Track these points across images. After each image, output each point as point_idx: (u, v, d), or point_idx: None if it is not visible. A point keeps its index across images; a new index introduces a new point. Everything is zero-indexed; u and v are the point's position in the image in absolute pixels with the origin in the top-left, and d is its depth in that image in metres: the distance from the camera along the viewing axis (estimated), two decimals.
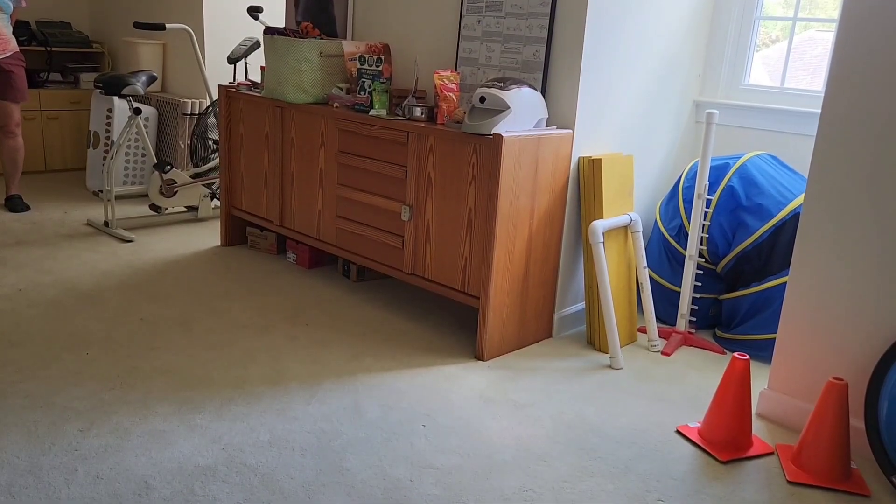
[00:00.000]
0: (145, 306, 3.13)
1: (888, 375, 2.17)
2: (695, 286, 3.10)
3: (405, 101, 3.06)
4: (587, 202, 2.94)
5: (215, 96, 4.72)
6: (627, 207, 3.04)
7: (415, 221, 3.01)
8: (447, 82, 2.92)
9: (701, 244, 3.05)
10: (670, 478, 2.13)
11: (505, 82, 2.71)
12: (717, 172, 3.07)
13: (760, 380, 2.74)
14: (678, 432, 2.38)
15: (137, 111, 4.24)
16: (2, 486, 1.90)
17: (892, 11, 2.13)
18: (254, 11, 4.22)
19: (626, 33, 2.96)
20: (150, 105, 5.17)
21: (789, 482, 2.15)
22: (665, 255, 3.21)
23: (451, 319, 3.20)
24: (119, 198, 4.97)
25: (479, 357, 2.83)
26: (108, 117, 5.00)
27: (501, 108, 2.67)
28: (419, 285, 3.05)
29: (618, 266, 3.00)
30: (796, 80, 3.32)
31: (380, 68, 3.13)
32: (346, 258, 3.41)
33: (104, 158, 4.95)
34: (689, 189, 3.12)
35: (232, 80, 4.34)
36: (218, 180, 4.45)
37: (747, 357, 2.27)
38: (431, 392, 2.54)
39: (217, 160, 4.51)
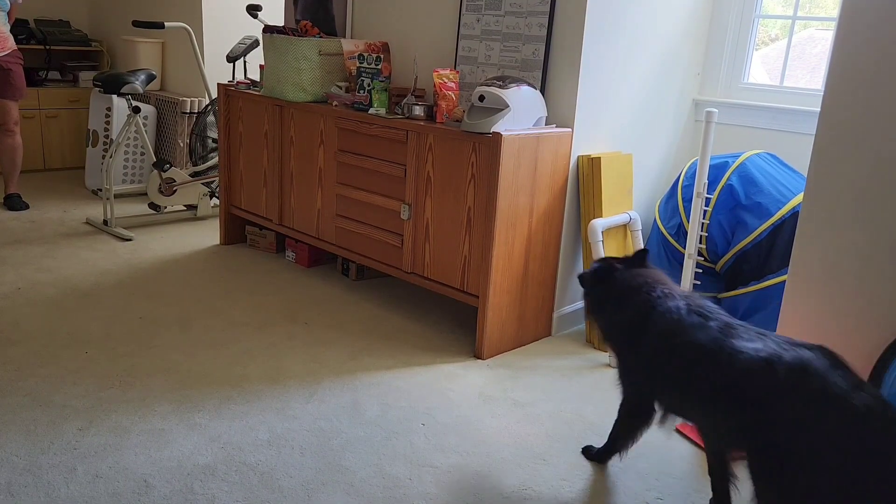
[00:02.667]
0: (144, 305, 3.13)
1: (887, 373, 2.17)
2: (694, 285, 3.10)
3: (404, 100, 3.06)
4: (586, 201, 2.94)
5: (214, 95, 4.71)
6: (626, 206, 3.04)
7: (414, 220, 3.01)
8: (446, 81, 2.91)
9: (700, 243, 3.05)
10: (669, 476, 2.13)
11: (504, 81, 2.71)
12: (717, 171, 3.07)
13: None
14: (677, 430, 2.38)
15: (136, 110, 4.23)
16: (1, 484, 1.90)
17: (892, 10, 2.13)
18: (253, 10, 4.22)
19: (626, 32, 2.96)
20: (149, 103, 5.17)
21: None
22: (664, 254, 3.21)
23: (451, 318, 3.20)
24: (118, 196, 4.96)
25: (478, 356, 2.83)
26: (107, 116, 5.00)
27: (501, 107, 2.67)
28: (418, 284, 3.05)
29: None
30: (795, 79, 3.32)
31: (379, 67, 3.13)
32: (346, 257, 3.41)
33: (103, 157, 4.95)
34: (689, 188, 3.12)
35: (231, 79, 4.34)
36: (217, 179, 4.45)
37: None
38: (431, 391, 2.55)
39: (216, 159, 4.50)
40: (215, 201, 4.67)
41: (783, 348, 1.60)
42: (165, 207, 4.48)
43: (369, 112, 3.12)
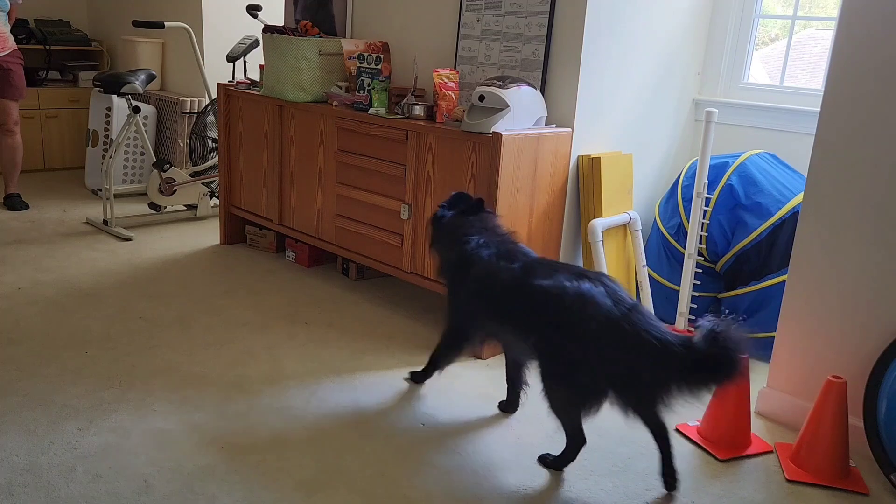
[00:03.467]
0: (144, 305, 3.13)
1: (887, 374, 2.17)
2: (694, 285, 3.10)
3: (404, 100, 3.06)
4: (586, 201, 2.94)
5: (214, 95, 4.71)
6: (626, 206, 3.04)
7: (414, 220, 3.01)
8: (446, 80, 2.91)
9: (700, 243, 3.05)
10: None
11: (504, 81, 2.71)
12: (717, 171, 3.07)
13: (760, 378, 2.74)
14: (677, 430, 2.38)
15: (136, 109, 4.23)
16: (1, 484, 1.90)
17: (892, 10, 2.13)
18: (253, 10, 4.22)
19: (626, 32, 2.96)
20: (149, 103, 5.17)
21: (788, 480, 2.15)
22: (664, 254, 3.21)
23: None
24: (118, 196, 4.97)
25: (478, 356, 2.83)
26: (107, 116, 5.00)
27: (500, 107, 2.67)
28: (418, 284, 3.05)
29: (617, 265, 2.99)
30: (795, 79, 3.32)
31: (379, 67, 3.13)
32: (346, 257, 3.41)
33: (103, 157, 4.95)
34: (689, 188, 3.12)
35: (231, 79, 4.34)
36: (217, 179, 4.45)
37: (746, 355, 2.27)
38: (431, 390, 2.55)
39: (216, 159, 4.50)
40: (215, 201, 4.67)
41: (569, 281, 2.00)
42: (165, 207, 4.48)
43: (369, 112, 3.12)
